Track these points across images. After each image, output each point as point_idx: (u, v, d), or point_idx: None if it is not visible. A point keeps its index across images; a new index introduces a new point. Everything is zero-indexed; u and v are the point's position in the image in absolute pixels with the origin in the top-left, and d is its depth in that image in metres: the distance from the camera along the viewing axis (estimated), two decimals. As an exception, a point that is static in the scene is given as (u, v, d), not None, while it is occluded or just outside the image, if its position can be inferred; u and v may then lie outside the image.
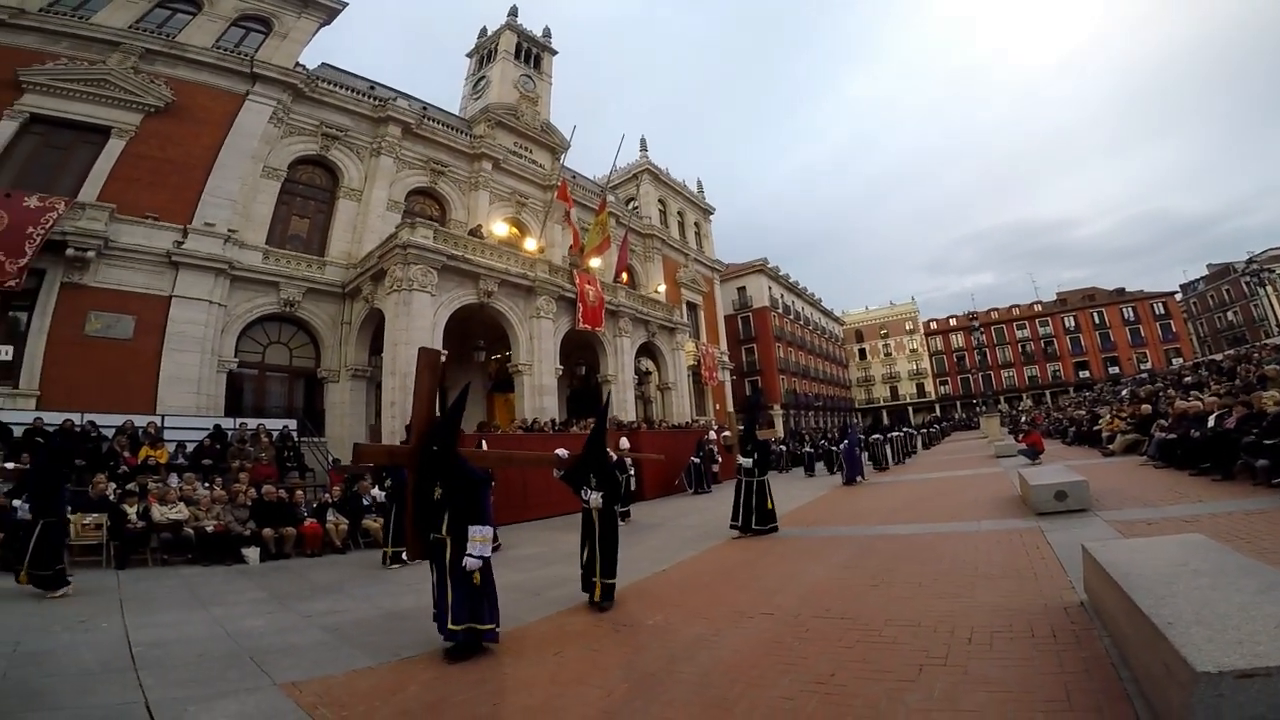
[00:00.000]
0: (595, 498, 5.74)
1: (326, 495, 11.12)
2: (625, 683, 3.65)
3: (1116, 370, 58.48)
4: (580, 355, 22.94)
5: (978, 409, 43.75)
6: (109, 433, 11.68)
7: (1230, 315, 61.22)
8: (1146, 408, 13.93)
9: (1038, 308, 68.66)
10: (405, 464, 5.39)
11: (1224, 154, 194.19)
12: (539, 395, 18.57)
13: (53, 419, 11.45)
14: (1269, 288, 42.99)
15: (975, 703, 2.87)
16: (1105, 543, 4.27)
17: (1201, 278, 67.03)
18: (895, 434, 21.57)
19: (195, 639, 4.93)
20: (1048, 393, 63.14)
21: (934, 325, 73.44)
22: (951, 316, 73.37)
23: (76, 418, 11.74)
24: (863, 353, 73.97)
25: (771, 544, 8.20)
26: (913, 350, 71.96)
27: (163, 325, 15.14)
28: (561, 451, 6.31)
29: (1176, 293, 64.81)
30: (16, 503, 7.04)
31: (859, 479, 15.01)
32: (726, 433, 10.51)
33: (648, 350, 25.06)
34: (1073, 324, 65.34)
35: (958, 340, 70.31)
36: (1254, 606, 2.41)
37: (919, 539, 7.20)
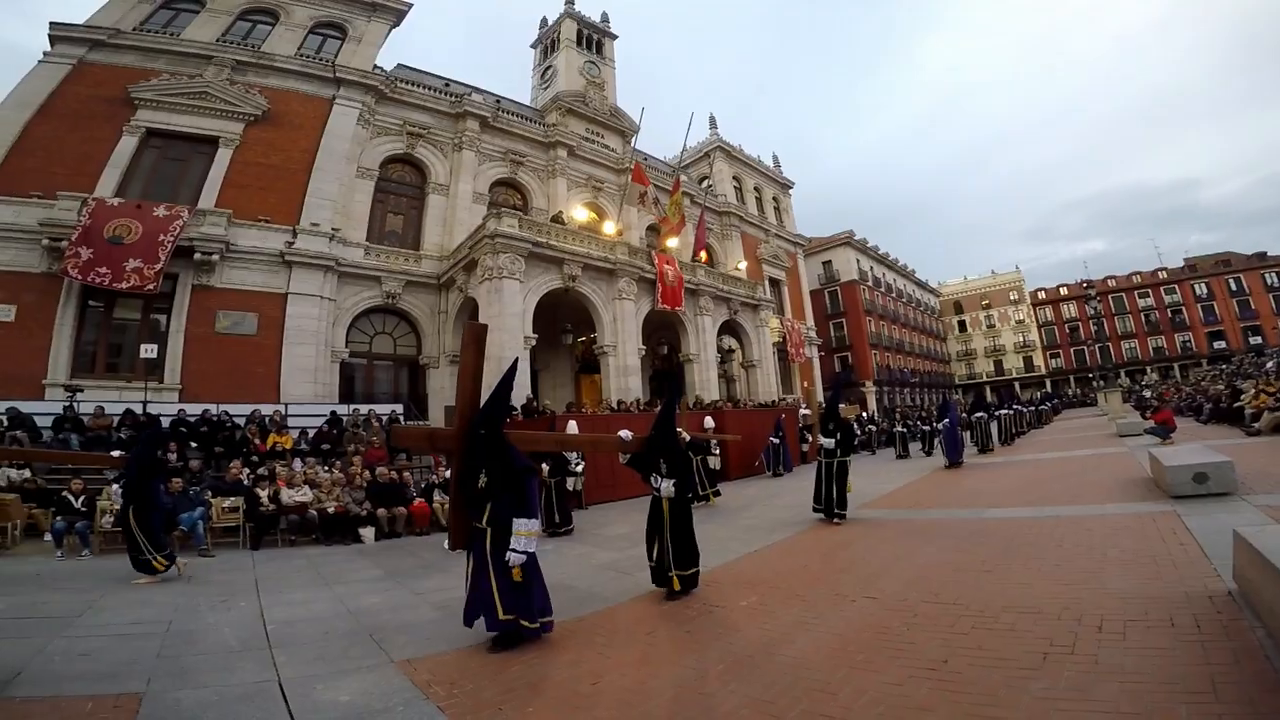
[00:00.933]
0: (667, 486, 5.29)
1: (433, 475, 11.78)
2: (720, 664, 3.63)
3: (1259, 340, 51.93)
4: (662, 335, 23.00)
5: (1095, 383, 40.04)
6: (241, 421, 12.92)
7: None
8: (1303, 378, 12.31)
9: (1162, 274, 61.75)
10: (448, 448, 5.17)
11: None
12: (624, 375, 18.79)
13: (193, 410, 12.83)
14: None
15: (1108, 693, 2.66)
16: (1263, 528, 3.82)
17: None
18: (1003, 411, 19.73)
19: (321, 617, 5.26)
20: (1176, 366, 57.03)
21: (1042, 295, 67.67)
22: (1062, 285, 67.37)
23: (213, 408, 13.10)
24: (962, 325, 69.45)
25: (872, 527, 7.93)
26: (1019, 321, 66.79)
27: (281, 320, 16.50)
28: (625, 433, 5.69)
29: (1328, 258, 56.35)
30: (114, 489, 7.52)
31: (961, 461, 13.83)
32: (805, 410, 9.98)
33: (731, 328, 24.73)
34: (1204, 291, 58.35)
35: (1070, 310, 64.59)
36: None
37: (1037, 523, 6.68)
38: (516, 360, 5.35)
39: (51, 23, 16.71)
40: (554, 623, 4.37)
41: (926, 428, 19.27)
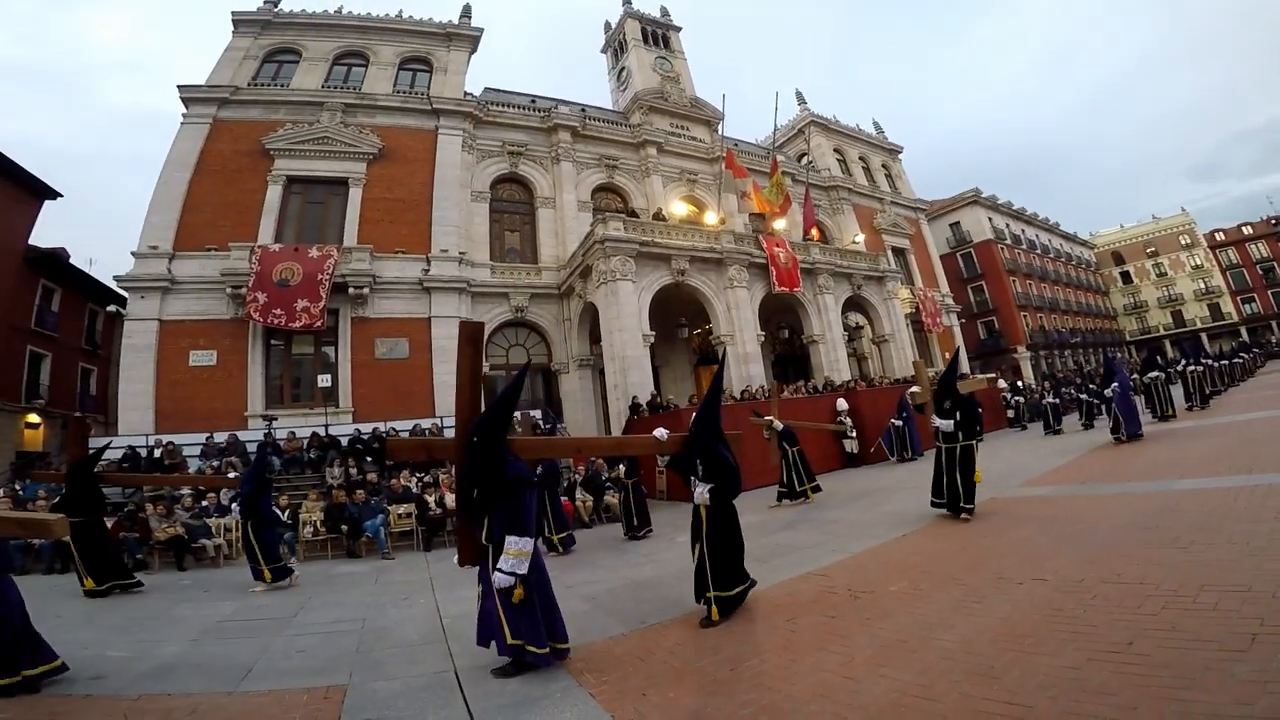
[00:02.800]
0: (702, 491, 4.70)
1: (575, 475, 12.41)
2: (869, 649, 3.54)
3: None
4: (782, 318, 22.48)
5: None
6: (405, 435, 14.36)
7: None
8: None
9: (1381, 190, 50.40)
10: (447, 458, 4.88)
11: None
12: (744, 364, 18.57)
13: (366, 429, 14.46)
14: None
15: (1338, 676, 2.30)
16: None
17: None
18: (1192, 368, 15.90)
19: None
20: None
21: (1221, 236, 57.80)
22: (1244, 225, 57.19)
23: (381, 426, 14.70)
24: (1126, 276, 61.09)
25: (1041, 503, 7.29)
26: (1196, 267, 57.53)
27: (429, 342, 18.06)
28: (660, 432, 5.10)
29: None
30: (234, 506, 8.21)
31: (1140, 432, 11.33)
32: (915, 389, 8.48)
33: (856, 304, 23.64)
34: None
35: (1260, 250, 54.55)
36: None
37: (1246, 491, 5.78)
38: (525, 367, 4.74)
39: (179, 85, 18.73)
40: (569, 650, 4.03)
41: (1084, 396, 16.59)
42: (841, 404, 15.47)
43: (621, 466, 10.07)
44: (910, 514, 7.66)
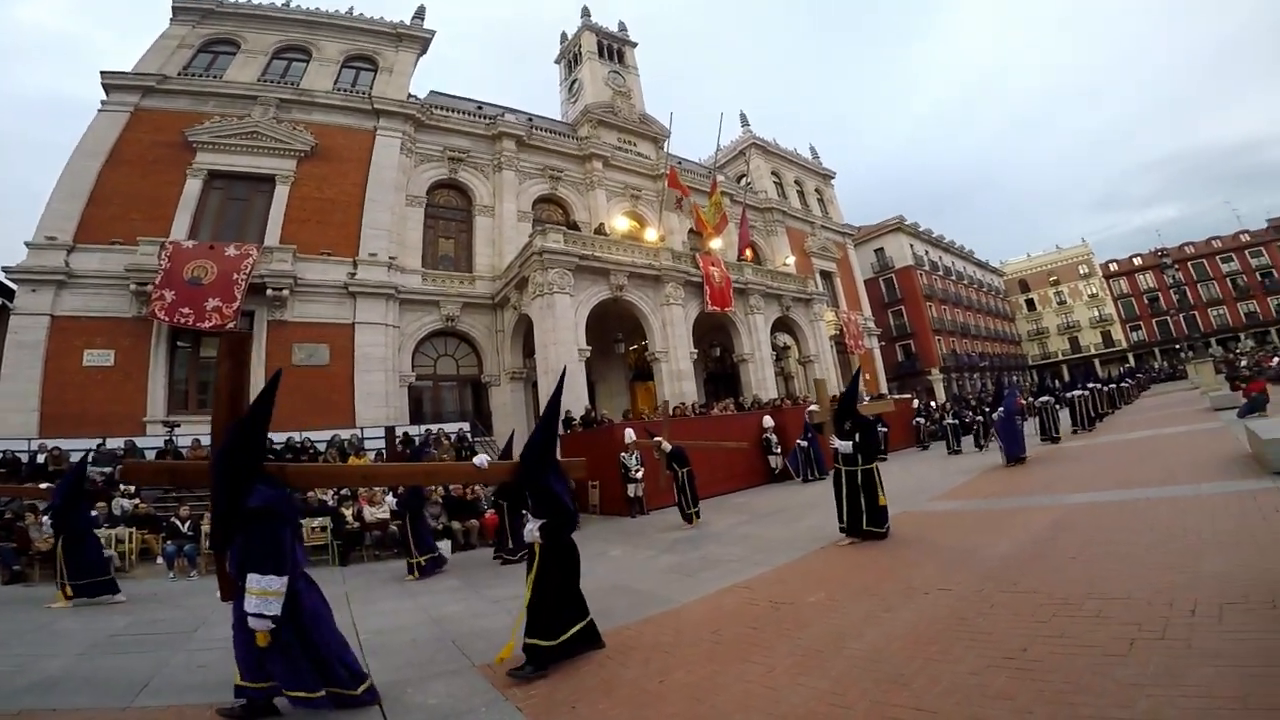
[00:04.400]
0: (532, 528, 4.22)
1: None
2: (789, 659, 3.66)
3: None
4: (714, 337, 22.92)
5: (1182, 354, 37.37)
6: (322, 446, 13.69)
7: None
8: None
9: (1245, 237, 57.07)
10: (192, 482, 4.55)
11: None
12: (677, 380, 18.83)
13: (279, 438, 13.70)
14: None
15: (1201, 678, 2.56)
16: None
17: None
18: (1076, 393, 16.88)
19: (407, 626, 5.61)
20: (1274, 330, 52.61)
21: (1115, 267, 63.73)
22: (1135, 255, 63.32)
23: (296, 435, 13.96)
24: (1031, 303, 66.07)
25: (947, 517, 7.74)
26: (1092, 296, 63.03)
27: (351, 350, 17.34)
28: (481, 459, 4.71)
29: None
30: (44, 520, 7.84)
31: (1023, 457, 11.53)
32: (813, 407, 8.48)
33: (784, 325, 24.42)
34: (1293, 251, 53.57)
35: (1147, 280, 60.54)
36: None
37: (1126, 506, 6.40)
38: (275, 379, 3.92)
39: (103, 72, 17.69)
40: (371, 688, 3.64)
41: (979, 418, 17.25)
42: (768, 421, 15.91)
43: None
44: (829, 528, 7.85)
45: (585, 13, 30.21)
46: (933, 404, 24.92)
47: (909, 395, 29.38)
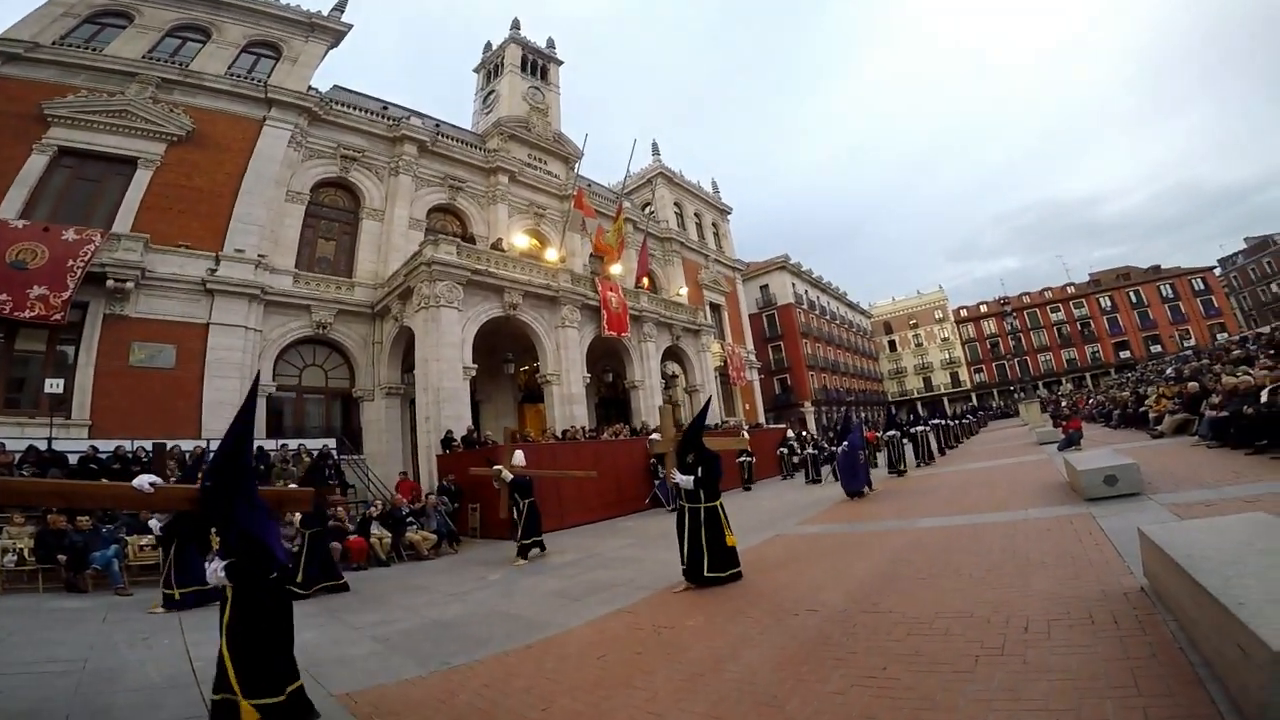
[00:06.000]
0: (216, 568, 3.29)
1: (370, 509, 11.35)
2: (671, 683, 3.66)
3: (1159, 349, 56.51)
4: (607, 362, 23.03)
5: (1016, 395, 42.62)
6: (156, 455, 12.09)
7: (1275, 288, 58.92)
8: (1193, 385, 13.42)
9: (1070, 289, 66.83)
10: None
11: (1257, 119, 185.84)
12: (568, 404, 18.66)
13: (106, 446, 11.95)
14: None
15: (1038, 692, 2.79)
16: (1164, 525, 4.16)
17: (1240, 251, 64.66)
18: (920, 428, 17.82)
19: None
20: (1088, 375, 61.32)
21: (964, 313, 72.03)
22: (982, 303, 71.94)
23: (127, 444, 12.24)
24: (893, 344, 72.81)
25: (815, 539, 8.11)
26: (944, 339, 70.60)
27: (203, 352, 15.56)
28: (144, 480, 3.39)
29: (1215, 268, 62.44)
30: None
31: (867, 490, 11.58)
32: (654, 436, 7.93)
33: (674, 354, 25.01)
34: (1109, 304, 63.39)
35: (990, 326, 68.84)
36: (1330, 584, 2.31)
37: (966, 530, 7.03)
38: None
39: None
40: None
41: (818, 451, 17.66)
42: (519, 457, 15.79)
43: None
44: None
45: (515, 25, 29.74)
46: (789, 434, 25.03)
47: (783, 425, 31.03)
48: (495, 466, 10.11)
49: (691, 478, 6.26)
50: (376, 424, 18.51)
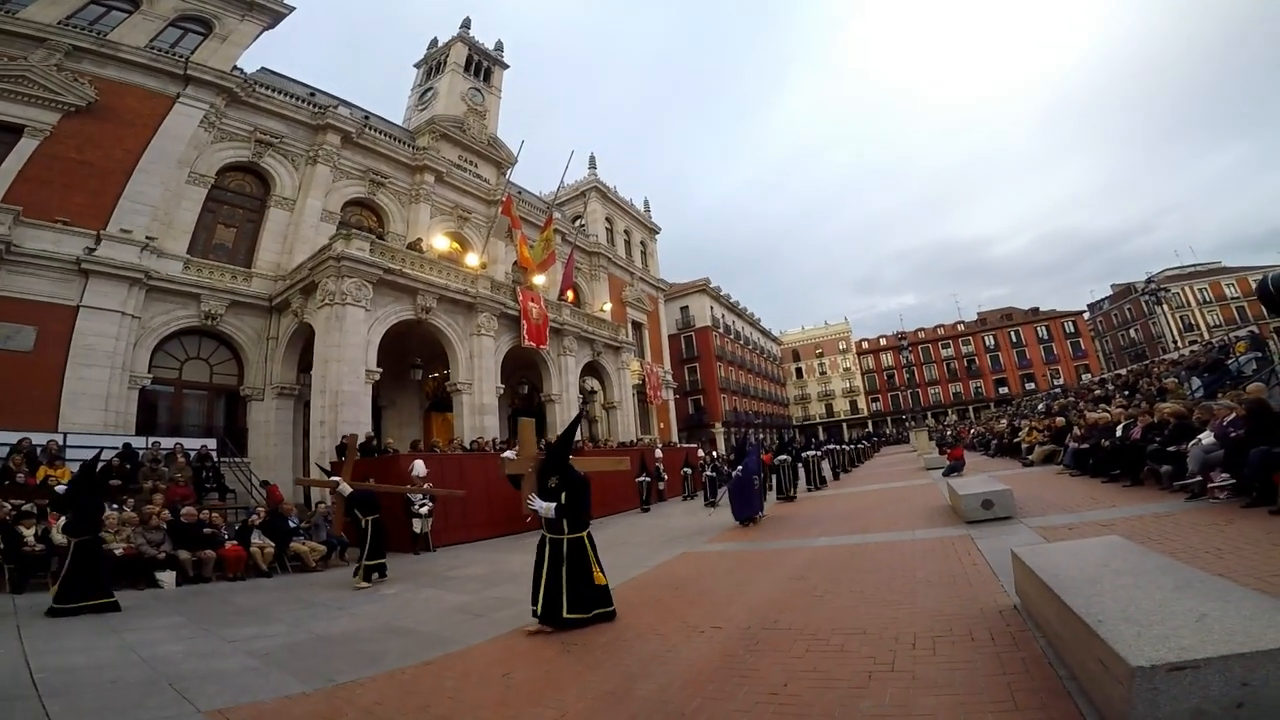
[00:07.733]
0: None
1: (253, 516, 10.50)
2: (580, 702, 3.56)
3: (1033, 386, 62.28)
4: (523, 374, 22.62)
5: (907, 424, 45.78)
6: (3, 451, 10.64)
7: (1132, 333, 66.80)
8: (1060, 420, 14.83)
9: (960, 327, 72.65)
10: None
11: (1128, 172, 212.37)
12: (479, 415, 18.14)
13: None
14: (1165, 306, 47.13)
15: (926, 707, 2.92)
16: (1032, 547, 4.50)
17: (1106, 297, 73.08)
18: (810, 453, 17.50)
19: (106, 665, 4.69)
20: (971, 408, 66.61)
21: (865, 345, 76.63)
22: (882, 336, 76.83)
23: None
24: (799, 371, 76.18)
25: (721, 556, 8.23)
26: (846, 369, 74.67)
27: (68, 337, 13.97)
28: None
29: (1084, 312, 70.25)
30: None
31: (759, 515, 11.08)
32: (508, 454, 7.14)
33: (593, 369, 24.95)
34: (992, 342, 69.38)
35: (888, 359, 73.48)
36: (1173, 602, 2.54)
37: (860, 549, 7.36)
38: None
39: None
40: None
41: (715, 474, 17.08)
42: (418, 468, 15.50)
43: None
44: (620, 566, 8.04)
45: (466, 24, 29.03)
46: (700, 453, 24.88)
47: (695, 445, 31.63)
48: (333, 478, 9.47)
49: (553, 504, 5.43)
50: (265, 425, 17.22)
